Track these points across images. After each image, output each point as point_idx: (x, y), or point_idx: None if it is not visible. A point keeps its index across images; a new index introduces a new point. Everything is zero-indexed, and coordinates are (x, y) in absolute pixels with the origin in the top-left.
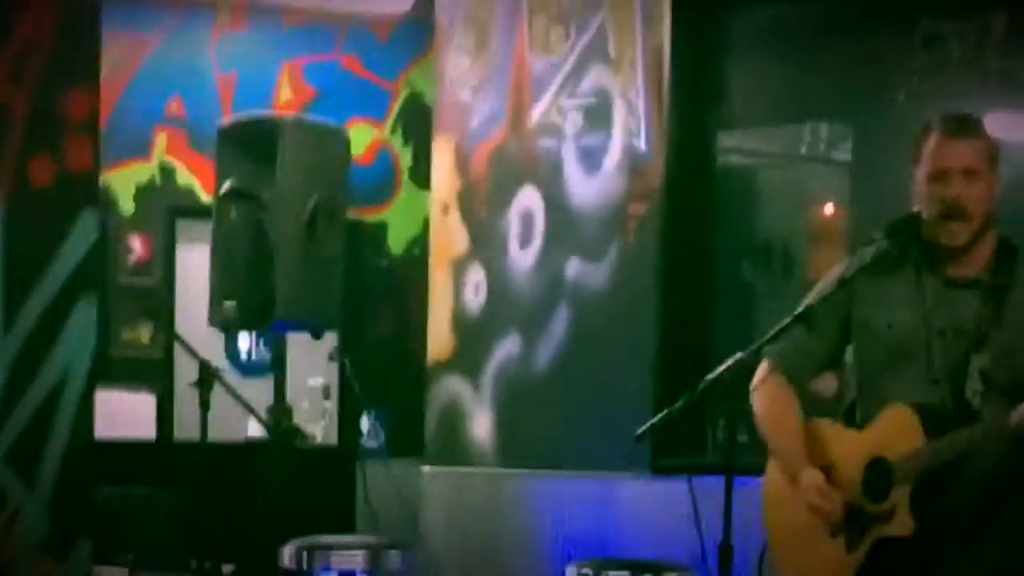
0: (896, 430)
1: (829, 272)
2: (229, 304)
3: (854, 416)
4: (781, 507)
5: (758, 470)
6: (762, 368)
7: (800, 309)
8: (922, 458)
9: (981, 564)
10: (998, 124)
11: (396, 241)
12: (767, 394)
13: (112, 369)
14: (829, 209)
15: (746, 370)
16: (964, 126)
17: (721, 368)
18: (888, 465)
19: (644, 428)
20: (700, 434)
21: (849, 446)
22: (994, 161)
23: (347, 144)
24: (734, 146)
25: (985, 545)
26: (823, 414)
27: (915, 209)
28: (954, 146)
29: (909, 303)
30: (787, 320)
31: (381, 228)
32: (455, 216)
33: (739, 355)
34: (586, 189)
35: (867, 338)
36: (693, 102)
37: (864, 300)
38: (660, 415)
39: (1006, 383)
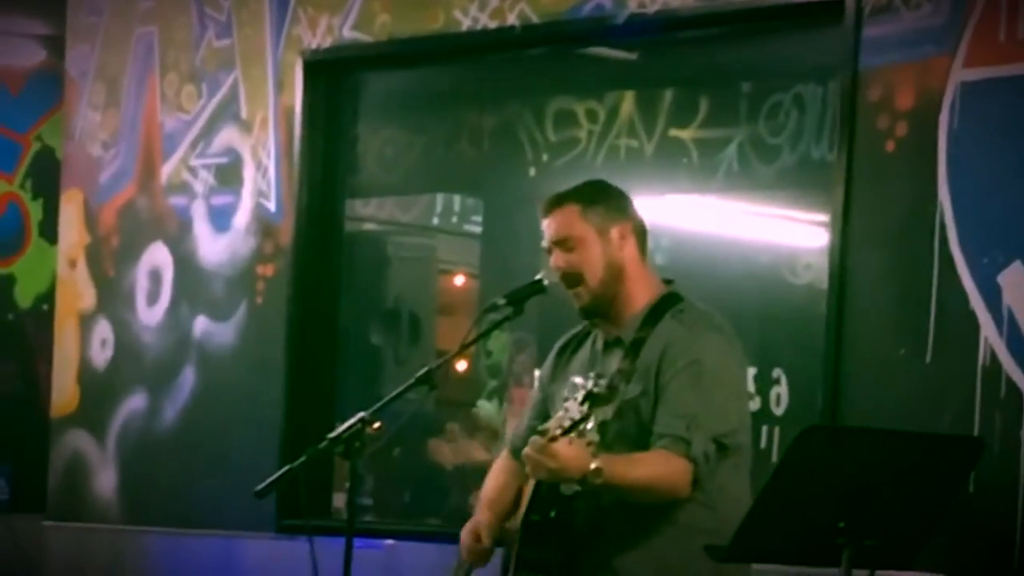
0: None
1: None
2: None
3: None
4: None
5: (380, 532)
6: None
7: (421, 372)
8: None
9: None
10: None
11: (24, 295)
12: (492, 469)
13: None
14: (458, 279)
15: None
16: (549, 203)
17: (342, 428)
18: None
19: (265, 484)
20: (326, 495)
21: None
22: (599, 225)
23: None
24: (366, 212)
25: None
26: None
27: (537, 277)
28: (546, 224)
29: (581, 371)
30: (409, 382)
31: (9, 282)
32: (83, 271)
33: (361, 415)
34: (215, 248)
35: (555, 408)
36: (325, 165)
37: (554, 376)
38: (281, 471)
39: (625, 431)
